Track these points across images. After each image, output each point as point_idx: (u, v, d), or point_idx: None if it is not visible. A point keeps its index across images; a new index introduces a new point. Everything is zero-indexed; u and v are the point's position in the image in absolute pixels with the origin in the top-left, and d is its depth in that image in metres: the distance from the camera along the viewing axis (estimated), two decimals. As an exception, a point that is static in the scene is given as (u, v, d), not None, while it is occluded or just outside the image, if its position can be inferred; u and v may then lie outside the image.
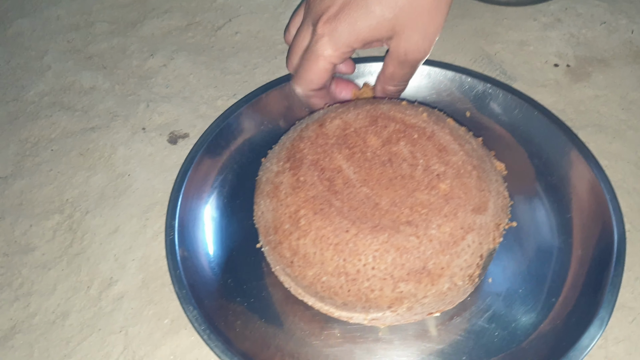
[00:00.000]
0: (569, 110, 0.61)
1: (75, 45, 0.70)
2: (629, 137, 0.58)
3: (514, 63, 0.65)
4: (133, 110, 0.62)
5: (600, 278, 0.45)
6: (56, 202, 0.55)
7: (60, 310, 0.48)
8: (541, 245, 0.49)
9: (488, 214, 0.41)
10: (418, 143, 0.44)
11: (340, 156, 0.44)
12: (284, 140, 0.47)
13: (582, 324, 0.42)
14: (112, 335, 0.47)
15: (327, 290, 0.41)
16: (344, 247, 0.40)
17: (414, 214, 0.40)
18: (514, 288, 0.47)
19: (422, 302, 0.40)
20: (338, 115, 0.46)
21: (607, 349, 0.45)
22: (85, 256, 0.51)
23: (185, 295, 0.45)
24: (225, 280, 0.48)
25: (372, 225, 0.40)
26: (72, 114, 0.62)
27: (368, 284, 0.40)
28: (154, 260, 0.51)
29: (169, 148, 0.59)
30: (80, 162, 0.58)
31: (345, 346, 0.45)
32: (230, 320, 0.46)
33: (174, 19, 0.73)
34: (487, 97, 0.57)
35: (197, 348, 0.46)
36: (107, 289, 0.49)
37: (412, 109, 0.47)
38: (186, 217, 0.50)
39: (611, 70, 0.64)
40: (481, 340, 0.44)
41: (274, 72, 0.65)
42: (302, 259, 0.41)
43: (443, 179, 0.42)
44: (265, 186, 0.45)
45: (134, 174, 0.57)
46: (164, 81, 0.65)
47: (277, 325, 0.46)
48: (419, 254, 0.39)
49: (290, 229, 0.41)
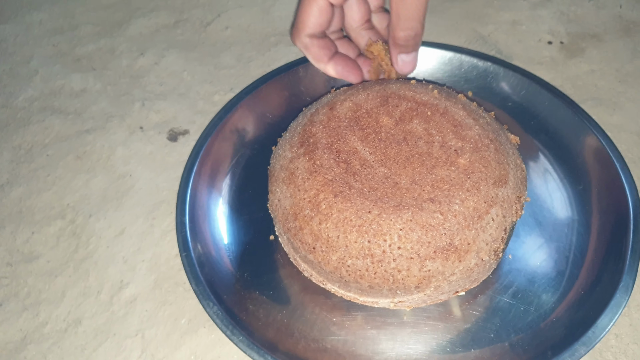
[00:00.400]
0: (566, 85, 0.61)
1: (62, 49, 0.68)
2: (628, 108, 0.59)
3: (508, 43, 0.65)
4: (128, 110, 0.61)
5: (620, 246, 0.44)
6: (57, 207, 0.53)
7: (72, 317, 0.47)
8: (557, 219, 0.49)
9: (509, 187, 0.41)
10: (432, 120, 0.44)
11: (355, 138, 0.43)
12: (294, 127, 0.46)
13: (607, 292, 0.42)
14: (128, 339, 0.45)
15: (353, 274, 0.40)
16: (368, 228, 0.39)
17: (436, 190, 0.40)
18: (535, 263, 0.46)
19: (450, 279, 0.40)
20: (348, 98, 0.46)
21: (630, 316, 0.45)
22: (92, 260, 0.50)
23: (203, 292, 0.44)
24: (242, 274, 0.47)
25: (395, 204, 0.39)
26: (64, 118, 0.60)
27: (395, 265, 0.39)
28: (165, 259, 0.49)
29: (169, 145, 0.57)
30: (78, 166, 0.56)
31: (369, 332, 0.44)
32: (251, 310, 0.44)
33: (161, 17, 0.72)
34: (488, 76, 0.57)
35: (218, 346, 0.45)
36: (118, 292, 0.48)
37: (422, 86, 0.46)
38: (196, 213, 0.49)
39: (604, 44, 0.65)
40: (507, 316, 0.44)
41: (269, 64, 0.64)
42: (325, 243, 0.40)
43: (461, 153, 0.41)
44: (280, 173, 0.44)
45: (136, 173, 0.55)
46: (157, 79, 0.64)
47: (299, 315, 0.45)
48: (445, 231, 0.39)
49: (310, 214, 0.41)
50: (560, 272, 0.46)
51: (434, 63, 0.58)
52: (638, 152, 0.55)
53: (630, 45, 0.65)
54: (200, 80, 0.64)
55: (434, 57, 0.58)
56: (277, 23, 0.70)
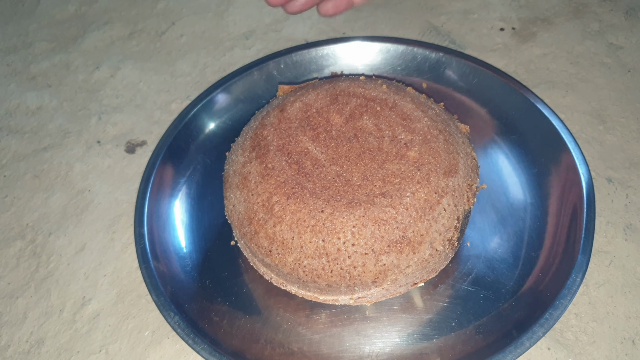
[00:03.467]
0: (520, 70, 0.61)
1: (16, 68, 0.68)
2: (580, 89, 0.59)
3: (461, 32, 0.66)
4: (85, 125, 0.60)
5: (575, 225, 0.45)
6: (16, 228, 0.53)
7: (34, 338, 0.46)
8: (513, 203, 0.49)
9: (460, 176, 0.41)
10: (381, 115, 0.44)
11: (306, 138, 0.43)
12: (246, 131, 0.46)
13: (564, 272, 0.43)
14: (92, 355, 0.45)
15: (310, 274, 0.40)
16: (322, 228, 0.39)
17: (387, 185, 0.40)
18: (493, 248, 0.47)
19: (406, 272, 0.40)
20: (298, 99, 0.46)
21: (589, 294, 0.46)
22: (53, 279, 0.49)
23: (164, 303, 0.44)
24: (204, 281, 0.47)
25: (347, 201, 0.39)
26: (21, 137, 0.60)
27: (350, 261, 0.39)
28: (127, 272, 0.49)
29: (127, 158, 0.57)
30: (36, 185, 0.56)
31: (333, 330, 0.44)
32: (214, 320, 0.44)
33: (116, 30, 0.71)
34: (441, 66, 0.57)
35: (182, 356, 0.44)
36: (80, 309, 0.47)
37: (371, 82, 0.46)
38: (155, 224, 0.49)
39: (555, 27, 0.66)
40: (468, 304, 0.44)
41: (224, 69, 0.64)
42: (281, 245, 0.40)
43: (411, 146, 0.42)
44: (233, 179, 0.44)
45: (94, 188, 0.55)
46: (114, 92, 0.64)
47: (263, 319, 0.45)
48: (397, 224, 0.39)
49: (264, 217, 0.41)
50: (518, 256, 0.46)
51: (385, 57, 0.58)
52: (591, 132, 0.56)
53: (580, 26, 0.65)
54: (157, 90, 0.63)
55: (385, 52, 0.58)
56: (232, 28, 0.70)
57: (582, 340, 0.44)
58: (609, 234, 0.49)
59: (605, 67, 0.61)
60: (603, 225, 0.50)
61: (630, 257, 0.48)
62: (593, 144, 0.55)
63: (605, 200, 0.51)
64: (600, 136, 0.55)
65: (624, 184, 0.52)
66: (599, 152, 0.54)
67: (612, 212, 0.50)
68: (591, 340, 0.44)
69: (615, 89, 0.59)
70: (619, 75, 0.60)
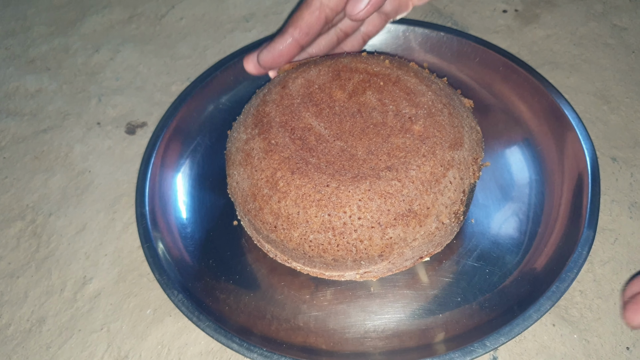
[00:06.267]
0: (523, 52, 0.61)
1: (14, 51, 0.67)
2: (584, 70, 0.59)
3: (464, 14, 0.65)
4: (85, 107, 0.60)
5: (580, 200, 0.45)
6: (16, 209, 0.52)
7: (35, 317, 0.46)
8: (517, 180, 0.49)
9: (465, 149, 0.41)
10: (385, 90, 0.43)
11: (309, 114, 0.43)
12: (247, 109, 0.46)
13: (569, 247, 0.43)
14: (94, 334, 0.44)
15: (316, 249, 0.40)
16: (327, 202, 0.39)
17: (392, 158, 0.40)
18: (497, 224, 0.47)
19: (412, 245, 0.40)
20: (300, 75, 0.45)
21: (594, 272, 0.46)
22: (54, 259, 0.49)
23: (167, 281, 0.43)
24: (207, 261, 0.47)
25: (352, 175, 0.39)
26: (20, 119, 0.59)
27: (356, 235, 0.39)
28: (128, 252, 0.49)
29: (127, 139, 0.56)
30: (36, 166, 0.55)
31: (338, 307, 0.44)
32: (220, 298, 0.44)
33: (115, 13, 0.70)
34: (442, 46, 0.57)
35: (185, 333, 0.44)
36: (81, 288, 0.47)
37: (374, 58, 0.46)
38: (156, 204, 0.48)
39: (558, 9, 0.65)
40: (473, 279, 0.44)
41: (225, 51, 0.64)
42: (286, 221, 0.40)
43: (415, 120, 0.41)
44: (236, 156, 0.43)
45: (95, 169, 0.54)
46: (114, 74, 0.63)
47: (268, 298, 0.44)
48: (403, 197, 0.38)
49: (269, 193, 0.40)
50: (522, 232, 0.46)
51: (387, 37, 0.58)
52: (595, 112, 0.55)
53: (584, 7, 0.65)
54: (157, 72, 0.63)
55: (386, 32, 0.58)
56: (232, 10, 0.69)
57: (587, 317, 0.43)
58: (614, 212, 0.49)
59: (609, 48, 0.61)
60: (608, 203, 0.49)
61: (635, 235, 0.47)
62: (597, 124, 0.55)
63: (610, 179, 0.51)
64: (605, 116, 0.55)
65: (629, 162, 0.52)
66: (603, 132, 0.54)
67: (617, 190, 0.50)
68: (596, 317, 0.43)
69: (619, 69, 0.59)
70: (623, 56, 0.60)
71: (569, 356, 0.41)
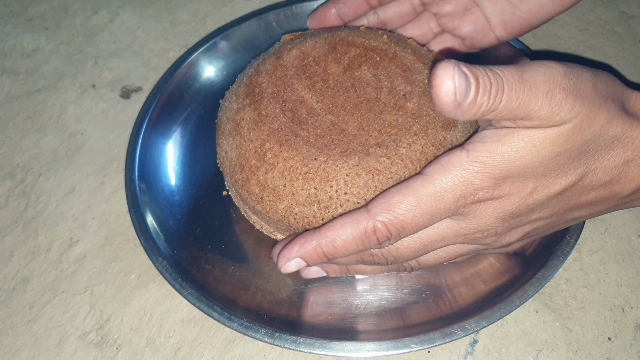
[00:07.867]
0: (526, 36, 0.60)
1: (13, 9, 0.66)
2: (588, 57, 0.58)
3: (470, -6, 0.64)
4: (81, 69, 0.59)
5: (572, 189, 0.44)
6: (6, 167, 0.52)
7: (20, 276, 0.46)
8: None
9: (458, 130, 0.40)
10: (381, 65, 0.43)
11: (301, 86, 0.42)
12: (241, 78, 0.45)
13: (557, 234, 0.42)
14: (77, 296, 0.45)
15: (301, 221, 0.39)
16: (314, 175, 0.38)
17: (383, 135, 0.39)
18: (488, 209, 0.46)
19: (398, 224, 0.39)
20: (295, 46, 0.44)
21: (581, 260, 0.45)
22: (41, 219, 0.49)
23: (152, 247, 0.43)
24: (194, 229, 0.46)
25: (341, 150, 0.39)
26: (15, 78, 0.59)
27: (342, 210, 0.38)
28: (116, 216, 0.49)
29: (122, 103, 0.56)
30: (28, 125, 0.55)
31: (324, 282, 0.44)
32: (205, 268, 0.44)
33: (116, -25, 0.69)
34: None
35: (168, 300, 0.44)
36: (67, 250, 0.47)
37: (371, 33, 0.45)
38: (146, 170, 0.48)
39: (566, -6, 0.64)
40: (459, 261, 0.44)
41: (225, 19, 0.63)
42: (272, 192, 0.39)
43: (409, 98, 0.40)
44: (226, 125, 0.43)
45: (87, 132, 0.54)
46: (111, 37, 0.62)
47: (254, 269, 0.44)
48: (392, 175, 0.38)
49: (256, 164, 0.40)
50: (513, 218, 0.45)
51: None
52: (596, 100, 0.54)
53: (592, -7, 0.64)
54: (155, 37, 0.62)
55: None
56: (235, -22, 0.68)
57: (571, 305, 0.43)
58: (607, 202, 0.48)
59: (615, 35, 0.60)
60: (601, 193, 0.49)
61: (625, 226, 0.47)
62: (597, 112, 0.54)
63: (605, 168, 0.50)
64: (605, 105, 0.54)
65: (626, 153, 0.51)
66: (602, 121, 0.53)
67: (612, 180, 0.49)
68: (580, 306, 0.43)
69: (624, 58, 0.58)
70: (628, 45, 0.59)
71: (550, 343, 0.41)
